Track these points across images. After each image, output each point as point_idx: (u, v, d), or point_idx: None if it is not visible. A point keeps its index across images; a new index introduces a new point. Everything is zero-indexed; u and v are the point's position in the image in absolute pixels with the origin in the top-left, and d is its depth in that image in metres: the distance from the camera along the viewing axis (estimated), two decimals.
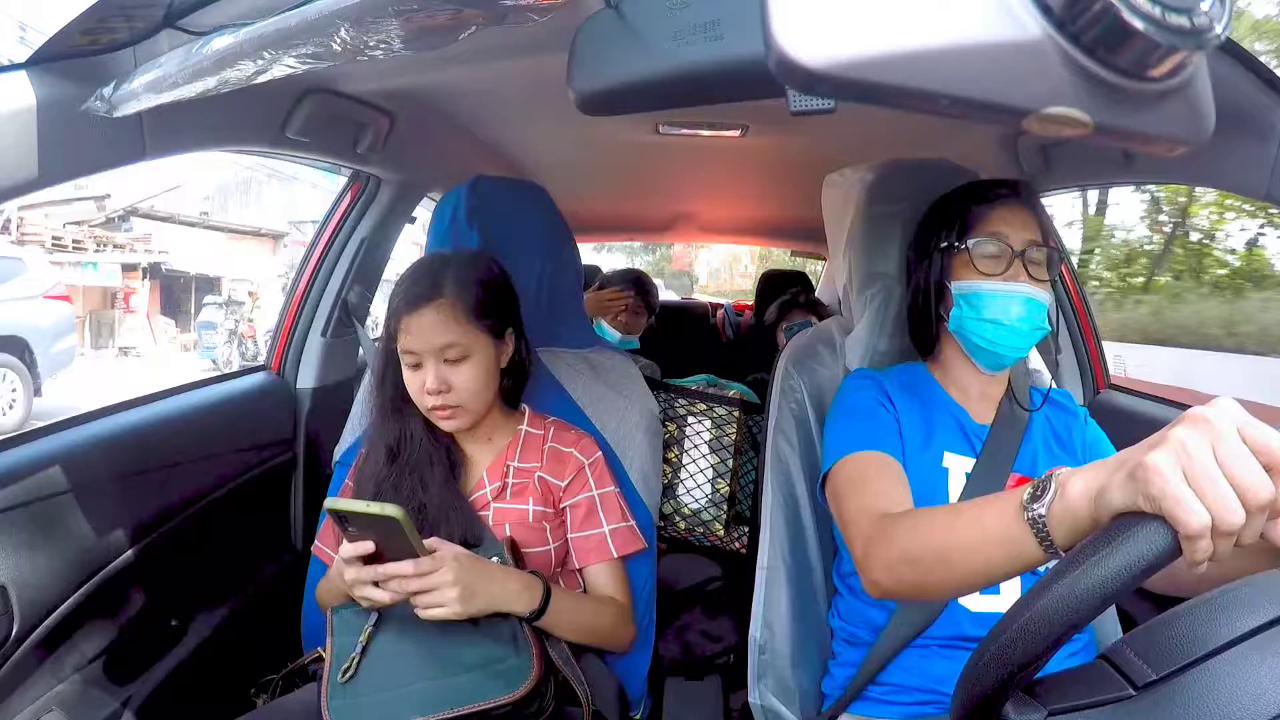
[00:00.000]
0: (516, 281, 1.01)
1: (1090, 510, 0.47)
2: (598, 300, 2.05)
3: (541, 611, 0.84)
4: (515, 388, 1.01)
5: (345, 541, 0.79)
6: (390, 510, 0.74)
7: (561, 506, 0.98)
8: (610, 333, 2.02)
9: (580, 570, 0.99)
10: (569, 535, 0.97)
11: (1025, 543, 0.52)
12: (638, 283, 2.13)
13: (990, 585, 0.61)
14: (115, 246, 10.90)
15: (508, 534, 0.93)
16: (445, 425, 0.93)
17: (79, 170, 0.72)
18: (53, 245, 9.88)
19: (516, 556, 0.90)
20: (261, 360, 1.50)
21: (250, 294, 10.41)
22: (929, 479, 0.86)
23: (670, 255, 18.27)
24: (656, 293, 2.24)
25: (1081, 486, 0.48)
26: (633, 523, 1.00)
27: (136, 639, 1.06)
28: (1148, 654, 0.45)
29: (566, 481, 0.98)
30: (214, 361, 9.46)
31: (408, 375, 0.92)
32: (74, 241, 10.22)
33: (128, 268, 10.82)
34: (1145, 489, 0.42)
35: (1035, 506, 0.51)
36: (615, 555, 0.97)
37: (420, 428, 0.95)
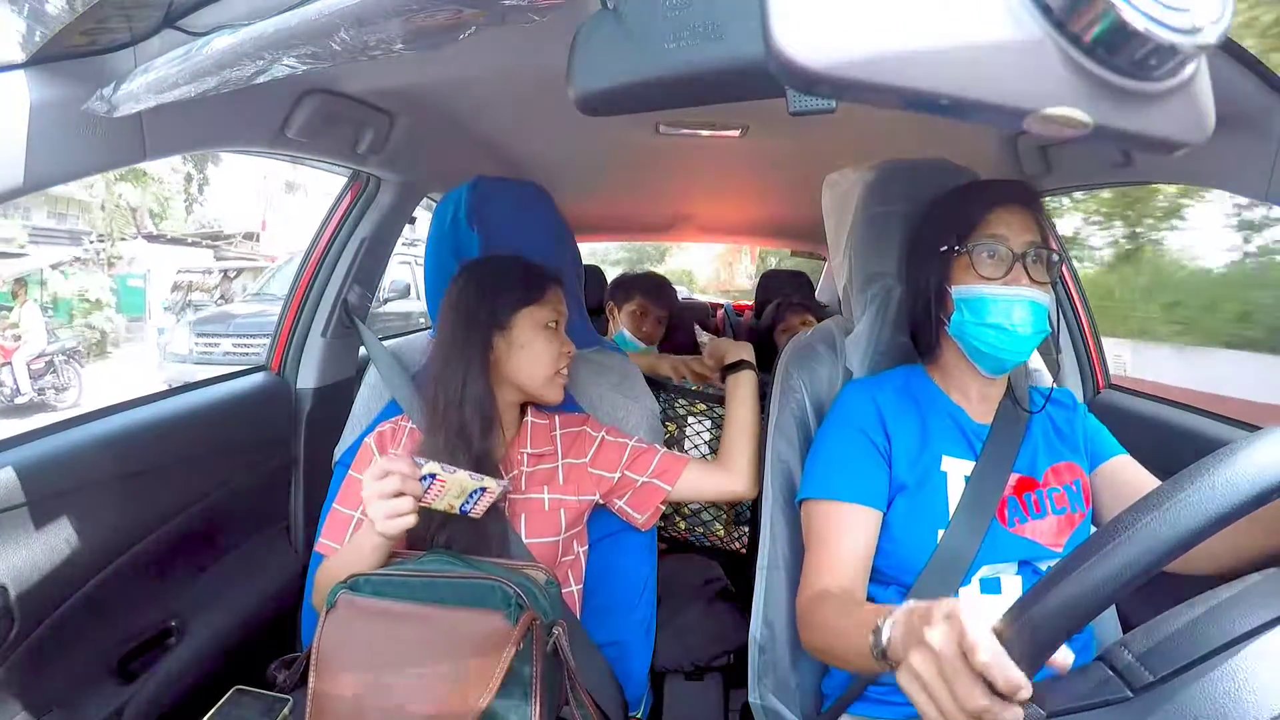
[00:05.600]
0: None
1: None
2: (625, 315, 2.02)
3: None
4: None
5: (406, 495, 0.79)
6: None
7: (613, 475, 1.02)
8: (633, 341, 1.98)
9: (674, 488, 1.03)
10: (641, 480, 1.03)
11: (881, 666, 0.59)
12: (653, 290, 2.06)
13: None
14: None
15: (524, 524, 0.94)
16: (560, 394, 1.01)
17: (79, 171, 0.72)
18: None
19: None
20: (26, 398, 1.46)
21: (14, 293, 6.86)
22: (928, 484, 0.85)
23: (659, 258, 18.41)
24: (672, 294, 2.19)
25: (901, 644, 0.56)
26: (663, 451, 1.06)
27: (136, 639, 1.06)
28: (1145, 656, 0.46)
29: (590, 454, 1.02)
30: None
31: (548, 338, 0.99)
32: None
33: None
34: (908, 696, 0.52)
35: (875, 652, 0.59)
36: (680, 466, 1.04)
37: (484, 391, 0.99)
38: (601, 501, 1.03)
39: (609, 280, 2.47)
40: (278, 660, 0.86)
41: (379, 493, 0.77)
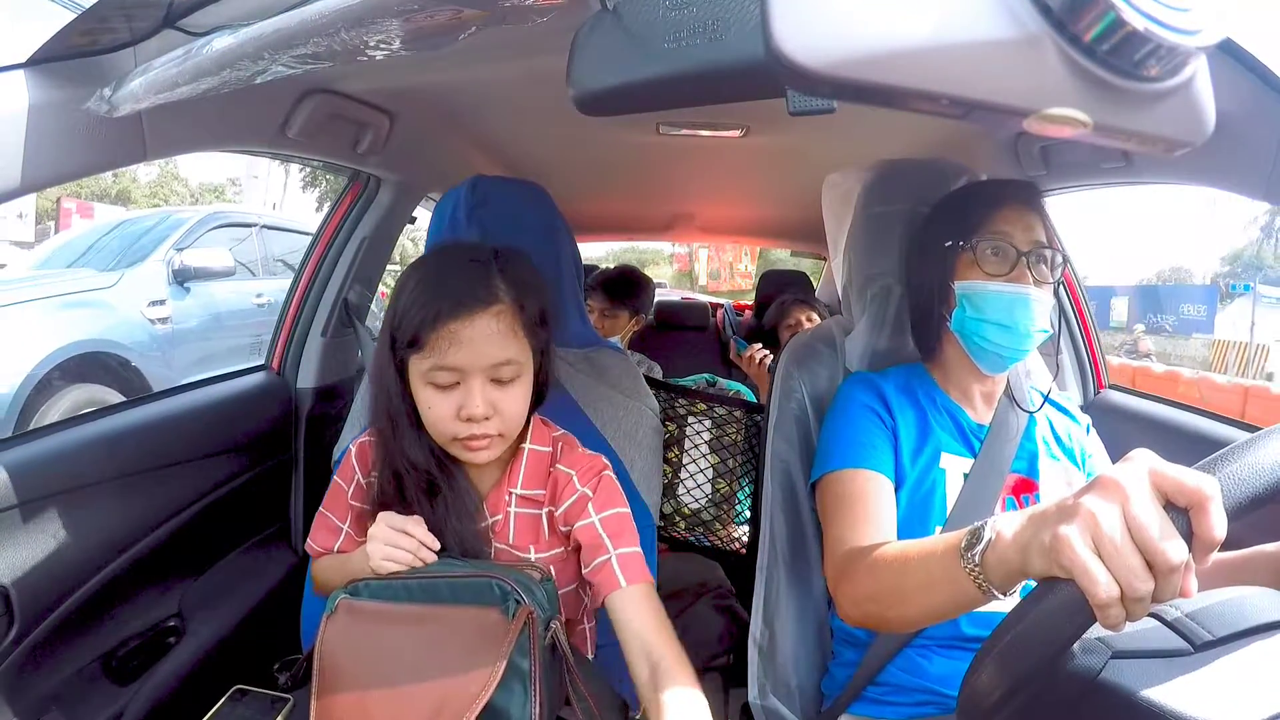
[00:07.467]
0: None
1: (1020, 561, 0.49)
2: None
3: None
4: (532, 408, 0.84)
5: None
6: None
7: (573, 544, 0.84)
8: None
9: (602, 607, 0.80)
10: (584, 572, 0.82)
11: (966, 585, 0.54)
12: (603, 288, 2.10)
13: (944, 620, 0.65)
14: None
15: None
16: (477, 457, 0.78)
17: (79, 171, 0.72)
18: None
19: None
20: None
21: None
22: (927, 481, 0.85)
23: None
24: (640, 291, 2.15)
25: (1011, 537, 0.50)
26: (639, 550, 0.83)
27: (136, 639, 1.06)
28: (1196, 615, 0.46)
29: (563, 508, 0.83)
30: None
31: (431, 397, 0.75)
32: None
33: None
34: (1058, 559, 0.43)
35: (970, 554, 0.53)
36: (623, 584, 0.79)
37: (434, 453, 0.81)
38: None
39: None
40: (278, 663, 0.86)
41: (387, 541, 0.77)
